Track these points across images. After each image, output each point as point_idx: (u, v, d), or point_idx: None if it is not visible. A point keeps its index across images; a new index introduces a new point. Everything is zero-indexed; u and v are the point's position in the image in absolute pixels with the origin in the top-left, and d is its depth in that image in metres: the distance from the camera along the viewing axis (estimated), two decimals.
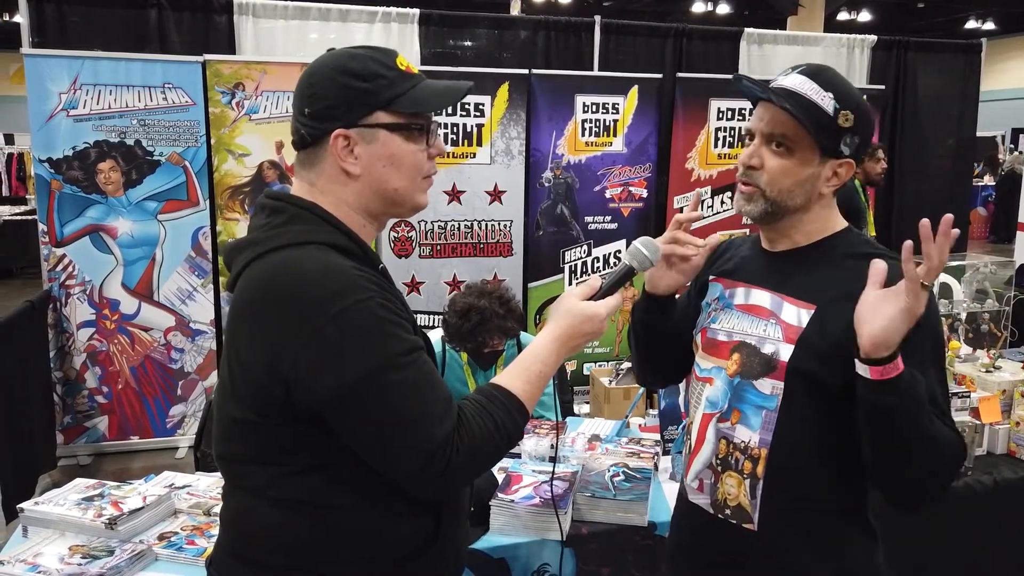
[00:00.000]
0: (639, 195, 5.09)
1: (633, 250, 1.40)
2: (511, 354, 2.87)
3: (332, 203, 1.22)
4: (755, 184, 1.36)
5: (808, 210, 1.37)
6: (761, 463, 1.37)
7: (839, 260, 1.36)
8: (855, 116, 1.32)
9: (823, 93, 1.31)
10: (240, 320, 1.17)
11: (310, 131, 1.21)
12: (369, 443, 1.13)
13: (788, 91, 1.32)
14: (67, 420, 4.27)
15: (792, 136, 1.32)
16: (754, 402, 1.38)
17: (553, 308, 1.32)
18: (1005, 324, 3.46)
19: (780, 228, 1.40)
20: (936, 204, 6.41)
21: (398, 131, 1.21)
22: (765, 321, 1.39)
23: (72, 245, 4.17)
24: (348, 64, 1.20)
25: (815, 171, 1.33)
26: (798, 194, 1.34)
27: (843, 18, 12.93)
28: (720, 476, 1.44)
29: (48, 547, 1.79)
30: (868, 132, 1.36)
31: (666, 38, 5.64)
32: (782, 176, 1.34)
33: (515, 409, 1.19)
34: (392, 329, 1.12)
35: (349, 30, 4.93)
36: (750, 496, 1.39)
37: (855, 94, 1.35)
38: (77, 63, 4.07)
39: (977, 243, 11.97)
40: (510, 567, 1.91)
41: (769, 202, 1.35)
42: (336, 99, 1.19)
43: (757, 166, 1.35)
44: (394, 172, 1.22)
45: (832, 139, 1.32)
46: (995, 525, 2.37)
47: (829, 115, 1.31)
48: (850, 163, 1.35)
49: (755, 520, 1.38)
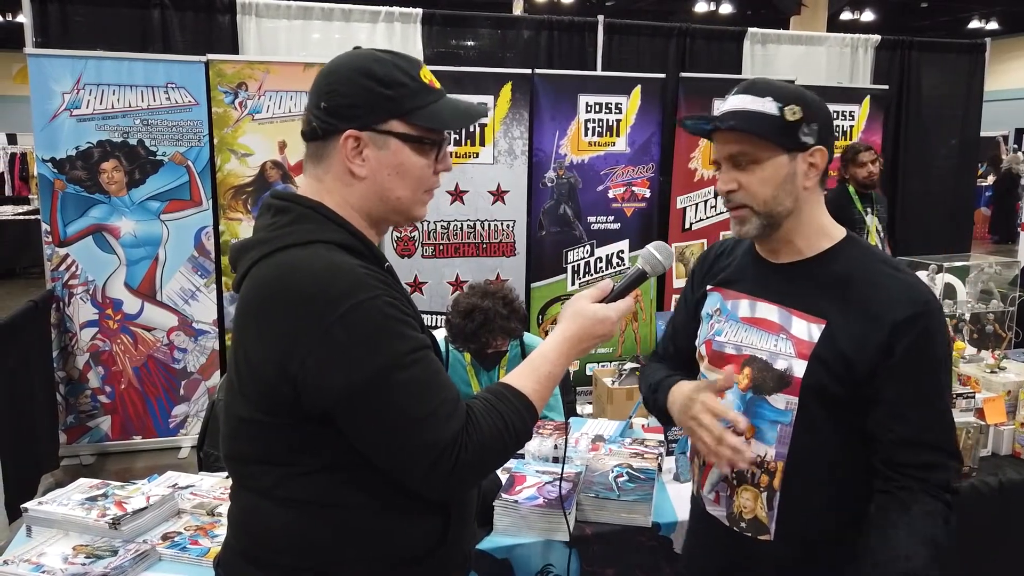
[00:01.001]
0: (642, 195, 5.09)
1: (646, 254, 1.40)
2: (514, 354, 2.87)
3: (337, 202, 1.22)
4: (741, 205, 1.38)
5: (800, 211, 1.37)
6: (778, 476, 1.38)
7: (846, 272, 1.37)
8: (800, 106, 1.33)
9: (761, 100, 1.34)
10: (248, 320, 1.17)
11: (322, 125, 1.20)
12: (377, 442, 1.12)
13: (730, 112, 1.36)
14: (70, 420, 4.27)
15: (751, 149, 1.35)
16: (769, 417, 1.39)
17: (564, 309, 1.31)
18: (1010, 325, 3.45)
19: (780, 238, 1.40)
20: (939, 204, 6.42)
21: (410, 142, 1.21)
22: (775, 336, 1.39)
23: (75, 245, 4.17)
24: (372, 67, 1.19)
25: (789, 170, 1.35)
26: (783, 198, 1.35)
27: (846, 18, 12.89)
28: (736, 490, 1.44)
29: (52, 547, 1.79)
30: (823, 116, 1.36)
31: (669, 38, 5.64)
32: (761, 187, 1.35)
33: (524, 409, 1.19)
34: (400, 328, 1.12)
35: (352, 30, 4.93)
36: (767, 508, 1.40)
37: (793, 89, 1.37)
38: (80, 63, 4.07)
39: (981, 243, 11.95)
40: (514, 568, 1.91)
41: (761, 216, 1.37)
42: (354, 100, 1.18)
43: (735, 188, 1.37)
44: (399, 181, 1.22)
45: (788, 135, 1.33)
46: (1000, 526, 2.36)
47: (775, 115, 1.33)
48: (821, 150, 1.35)
49: (772, 531, 1.40)
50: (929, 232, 6.23)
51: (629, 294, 1.34)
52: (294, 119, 4.33)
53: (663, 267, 1.40)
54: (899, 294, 1.32)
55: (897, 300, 1.31)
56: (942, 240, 5.99)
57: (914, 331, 1.30)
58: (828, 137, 1.37)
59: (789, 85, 1.39)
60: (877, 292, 1.33)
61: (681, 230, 5.24)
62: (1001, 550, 2.39)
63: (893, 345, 1.30)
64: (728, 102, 1.38)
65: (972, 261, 3.66)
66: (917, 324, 1.31)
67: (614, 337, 1.38)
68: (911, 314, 1.31)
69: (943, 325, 1.37)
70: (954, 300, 3.40)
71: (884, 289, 1.33)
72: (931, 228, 6.27)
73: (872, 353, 1.31)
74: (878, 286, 1.33)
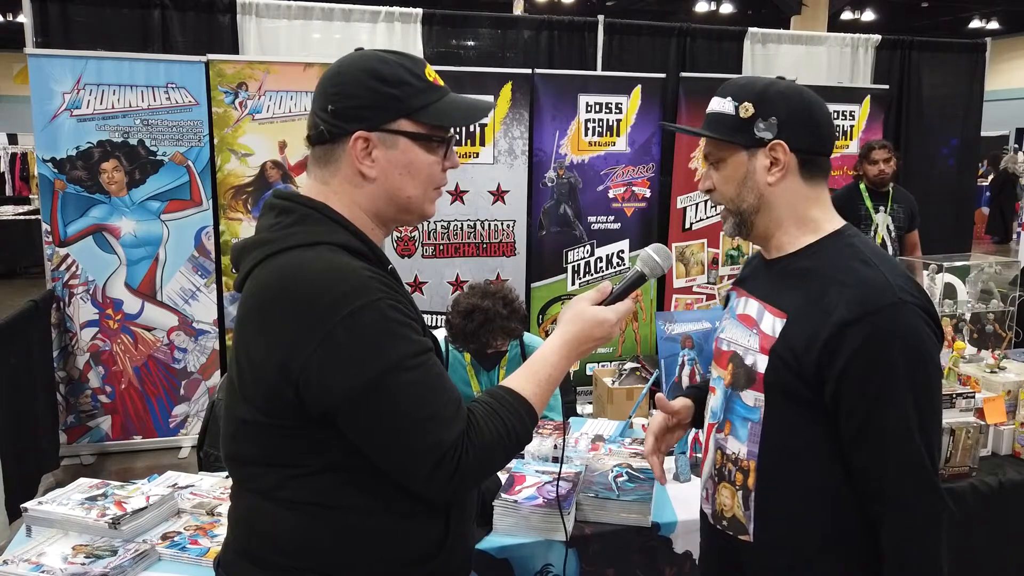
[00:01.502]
0: (642, 195, 5.09)
1: (645, 256, 1.40)
2: (514, 355, 2.87)
3: (344, 203, 1.22)
4: (719, 204, 1.41)
5: (770, 207, 1.35)
6: (751, 475, 1.36)
7: (815, 267, 1.32)
8: (754, 103, 1.32)
9: (723, 100, 1.36)
10: (250, 321, 1.17)
11: (330, 128, 1.20)
12: (379, 444, 1.12)
13: (706, 116, 1.40)
14: (70, 420, 4.28)
15: (715, 150, 1.39)
16: (741, 414, 1.38)
17: (563, 312, 1.32)
18: (1010, 325, 3.45)
19: (759, 235, 1.40)
20: (940, 204, 6.40)
21: (419, 141, 1.21)
22: (749, 331, 1.39)
23: (75, 245, 4.17)
24: (378, 68, 1.20)
25: (748, 167, 1.34)
26: (746, 195, 1.36)
27: (847, 17, 12.90)
28: (717, 487, 1.44)
29: (52, 547, 1.79)
30: (781, 110, 1.32)
31: (669, 37, 5.63)
32: (724, 185, 1.38)
33: (524, 412, 1.20)
34: (402, 330, 1.12)
35: (352, 30, 4.93)
36: (743, 507, 1.38)
37: (755, 86, 1.35)
38: (80, 63, 4.07)
39: (981, 243, 11.94)
40: (513, 567, 1.90)
41: (733, 214, 1.39)
42: (362, 101, 1.19)
43: (711, 188, 1.41)
44: (409, 180, 1.22)
45: (743, 132, 1.33)
46: (1000, 526, 2.36)
47: (731, 115, 1.34)
48: (780, 144, 1.32)
49: (750, 531, 1.38)
50: (929, 232, 6.22)
51: (628, 296, 1.35)
52: (294, 119, 4.34)
53: (662, 269, 1.40)
54: (854, 291, 1.24)
55: (850, 298, 1.23)
56: (942, 240, 5.99)
57: (860, 335, 1.21)
58: (796, 130, 1.32)
59: (754, 82, 1.36)
60: (834, 287, 1.25)
61: (681, 230, 5.24)
62: (1001, 550, 2.39)
63: (838, 348, 1.22)
64: (709, 105, 1.41)
65: (972, 261, 3.66)
66: (864, 327, 1.21)
67: (614, 339, 1.39)
68: (859, 314, 1.21)
69: (909, 332, 1.22)
70: (954, 300, 3.39)
71: (842, 285, 1.25)
72: (931, 228, 6.25)
73: (818, 353, 1.24)
74: (839, 282, 1.26)
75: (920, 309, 1.24)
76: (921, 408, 1.23)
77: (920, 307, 1.24)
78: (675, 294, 5.28)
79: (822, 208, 1.38)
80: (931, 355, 1.24)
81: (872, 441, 1.24)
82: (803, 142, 1.33)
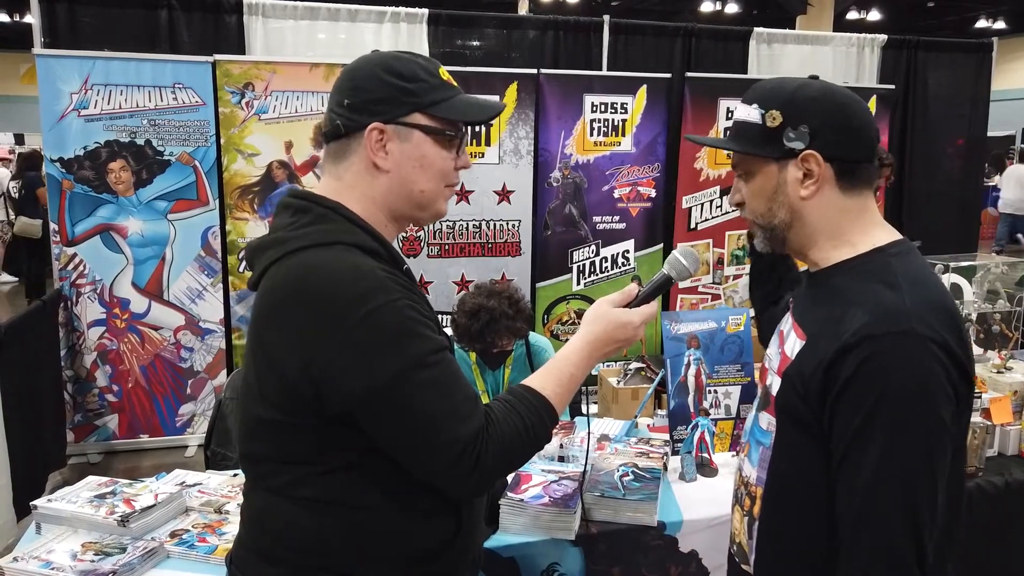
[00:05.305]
0: (648, 195, 5.09)
1: (672, 260, 1.40)
2: (520, 354, 2.87)
3: (357, 198, 1.23)
4: (748, 218, 1.31)
5: (803, 222, 1.24)
6: (757, 502, 1.29)
7: (841, 287, 1.20)
8: (781, 110, 1.21)
9: (748, 108, 1.25)
10: (267, 320, 1.17)
11: (346, 122, 1.22)
12: (400, 441, 1.13)
13: (732, 125, 1.30)
14: (77, 418, 4.30)
15: (743, 161, 1.28)
16: (756, 436, 1.32)
17: (587, 313, 1.32)
18: (1016, 325, 3.44)
19: (795, 251, 1.29)
20: (946, 204, 6.39)
21: (433, 135, 1.23)
22: (778, 349, 1.31)
23: (83, 244, 4.19)
24: (393, 64, 1.22)
25: (778, 180, 1.23)
26: (776, 210, 1.24)
27: (852, 17, 12.87)
28: (733, 509, 1.40)
29: (61, 544, 1.80)
30: (813, 116, 1.20)
31: (675, 37, 5.63)
32: (754, 200, 1.27)
33: (544, 410, 1.20)
34: (419, 329, 1.13)
35: (358, 30, 4.94)
36: (748, 535, 1.33)
37: (782, 91, 1.24)
38: (88, 63, 4.09)
39: (988, 243, 11.90)
40: (520, 566, 1.91)
41: (763, 230, 1.28)
42: (378, 94, 1.21)
43: (740, 201, 1.31)
44: (422, 174, 1.24)
45: (771, 143, 1.22)
46: (1005, 526, 2.36)
47: (758, 124, 1.23)
48: (813, 155, 1.19)
49: (751, 563, 1.31)
50: (936, 232, 6.22)
51: (654, 299, 1.34)
52: (300, 119, 4.35)
53: (689, 272, 1.40)
54: (863, 313, 1.11)
55: (860, 321, 1.10)
56: (949, 240, 5.97)
57: (855, 361, 1.08)
58: (830, 138, 1.19)
59: (780, 86, 1.25)
60: (852, 310, 1.13)
61: (686, 230, 5.24)
62: (1007, 550, 2.39)
63: (837, 374, 1.10)
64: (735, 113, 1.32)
65: (979, 261, 3.65)
66: (861, 352, 1.08)
67: (637, 342, 1.37)
68: (860, 339, 1.08)
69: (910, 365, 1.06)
70: (961, 300, 3.39)
71: (859, 307, 1.12)
72: (937, 228, 6.25)
73: (821, 378, 1.13)
74: (858, 304, 1.13)
75: (936, 344, 1.07)
76: (905, 460, 1.05)
77: (936, 342, 1.07)
78: (680, 294, 5.28)
79: (865, 221, 1.24)
80: (930, 398, 1.06)
81: (844, 483, 1.11)
82: (839, 150, 1.20)
